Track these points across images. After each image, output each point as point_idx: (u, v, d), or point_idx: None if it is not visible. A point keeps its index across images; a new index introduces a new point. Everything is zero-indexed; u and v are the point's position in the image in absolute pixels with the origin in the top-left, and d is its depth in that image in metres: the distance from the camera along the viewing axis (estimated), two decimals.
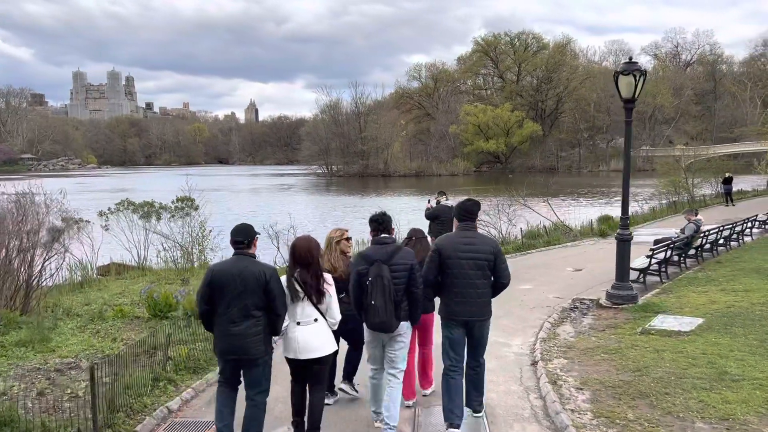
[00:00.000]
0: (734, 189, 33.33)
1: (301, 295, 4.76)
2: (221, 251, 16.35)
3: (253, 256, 4.81)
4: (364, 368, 5.71)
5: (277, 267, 7.39)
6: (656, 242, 14.29)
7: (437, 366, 5.75)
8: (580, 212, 26.79)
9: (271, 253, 14.94)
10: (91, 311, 9.80)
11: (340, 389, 5.98)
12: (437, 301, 5.39)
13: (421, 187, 62.87)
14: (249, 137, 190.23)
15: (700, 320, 8.32)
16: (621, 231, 9.54)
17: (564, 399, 5.80)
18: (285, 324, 4.82)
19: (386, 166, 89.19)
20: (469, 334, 5.20)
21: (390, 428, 5.00)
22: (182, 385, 6.51)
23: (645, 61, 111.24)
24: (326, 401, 5.59)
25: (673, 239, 13.97)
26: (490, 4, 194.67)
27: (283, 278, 4.82)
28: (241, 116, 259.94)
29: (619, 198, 39.12)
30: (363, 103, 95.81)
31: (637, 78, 8.80)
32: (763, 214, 20.17)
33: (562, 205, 32.11)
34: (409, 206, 39.82)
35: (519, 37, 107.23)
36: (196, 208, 15.36)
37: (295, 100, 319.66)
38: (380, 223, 5.17)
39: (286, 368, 5.09)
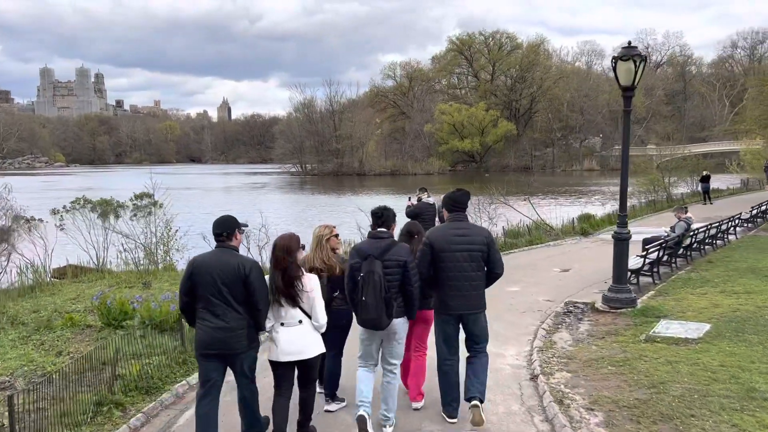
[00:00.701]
0: (712, 187, 33.45)
1: (278, 296, 4.61)
2: (188, 251, 15.41)
3: (235, 249, 4.67)
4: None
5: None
6: (646, 242, 13.73)
7: (430, 378, 5.61)
8: (560, 211, 26.32)
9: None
10: (39, 319, 8.81)
11: (327, 411, 5.56)
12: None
13: (396, 185, 62.19)
14: (221, 136, 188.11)
15: (707, 326, 7.68)
16: (619, 229, 8.86)
17: (575, 423, 5.06)
18: (270, 325, 4.67)
19: (361, 164, 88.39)
20: (466, 329, 5.11)
21: (388, 421, 4.95)
22: (131, 408, 5.63)
23: None
24: (328, 408, 5.54)
25: (664, 238, 13.43)
26: (464, 4, 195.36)
27: (267, 278, 4.68)
28: (213, 114, 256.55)
29: (598, 197, 39.07)
30: (338, 102, 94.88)
31: (637, 64, 8.13)
32: (746, 213, 19.80)
33: (541, 204, 31.64)
34: (387, 204, 39.11)
35: (493, 36, 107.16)
36: (160, 206, 14.32)
37: (269, 99, 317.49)
38: (380, 217, 5.01)
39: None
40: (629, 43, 8.30)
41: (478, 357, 5.15)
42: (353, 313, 5.06)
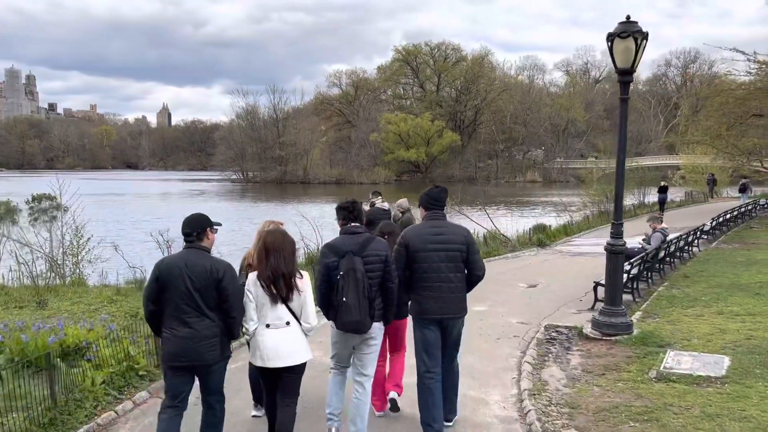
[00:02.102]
0: (654, 200, 33.39)
1: (274, 291, 4.23)
2: (102, 263, 13.37)
3: (207, 249, 4.30)
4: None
5: None
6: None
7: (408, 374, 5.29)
8: (512, 222, 25.35)
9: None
10: None
11: (254, 416, 5.21)
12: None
13: (341, 194, 60.44)
14: (160, 141, 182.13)
15: (725, 359, 6.35)
16: (613, 240, 7.47)
17: None
18: (254, 327, 4.29)
19: (305, 172, 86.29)
20: (444, 334, 4.78)
21: None
22: None
23: (557, 77, 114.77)
24: (255, 412, 5.23)
25: (639, 250, 12.26)
26: (410, 18, 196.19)
27: (253, 275, 4.30)
28: (153, 120, 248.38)
29: (550, 207, 38.39)
30: (281, 109, 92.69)
31: (639, 42, 6.78)
32: (707, 224, 19.08)
33: (493, 215, 30.67)
34: (331, 213, 37.44)
35: (438, 47, 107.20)
36: (65, 210, 12.20)
37: (212, 106, 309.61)
38: (350, 211, 4.69)
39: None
40: (627, 17, 6.94)
41: (450, 370, 4.90)
42: (329, 318, 4.61)
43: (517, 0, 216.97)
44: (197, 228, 4.26)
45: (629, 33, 6.76)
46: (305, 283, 4.36)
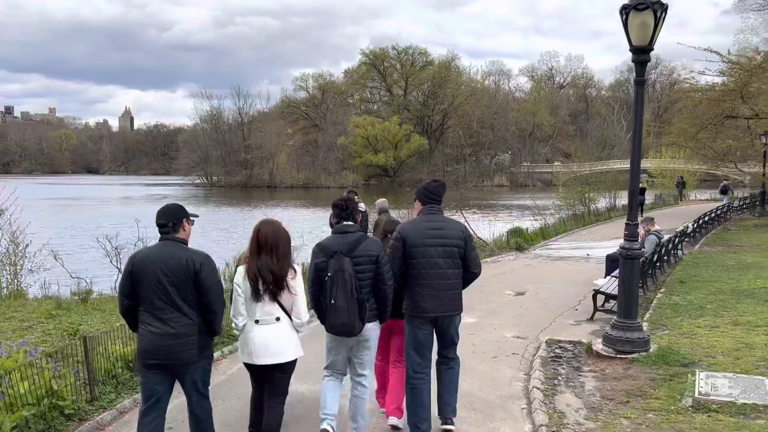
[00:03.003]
0: (625, 203, 33.18)
1: (261, 288, 4.04)
2: (46, 273, 12.03)
3: (183, 242, 4.02)
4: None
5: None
6: (612, 260, 11.70)
7: None
8: (487, 226, 24.60)
9: (108, 274, 10.81)
10: None
11: None
12: None
13: (309, 198, 59.30)
14: (122, 146, 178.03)
15: (766, 381, 5.44)
16: (628, 243, 6.52)
17: None
18: (243, 322, 4.13)
19: (272, 176, 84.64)
20: (439, 332, 4.67)
21: None
22: None
23: (523, 82, 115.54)
24: None
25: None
26: (376, 23, 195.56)
27: (242, 269, 4.13)
28: (115, 124, 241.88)
29: (525, 211, 38.03)
30: (247, 113, 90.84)
31: (658, 15, 5.87)
32: (691, 226, 18.51)
33: (467, 219, 29.89)
34: (300, 217, 36.32)
35: (406, 51, 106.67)
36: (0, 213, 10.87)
37: (176, 110, 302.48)
38: (344, 209, 4.48)
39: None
40: None
41: (449, 366, 4.76)
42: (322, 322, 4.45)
43: (481, 7, 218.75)
44: (173, 219, 4.00)
45: (647, 5, 5.84)
46: (297, 278, 4.17)
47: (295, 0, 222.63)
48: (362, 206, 9.43)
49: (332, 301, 4.21)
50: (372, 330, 4.46)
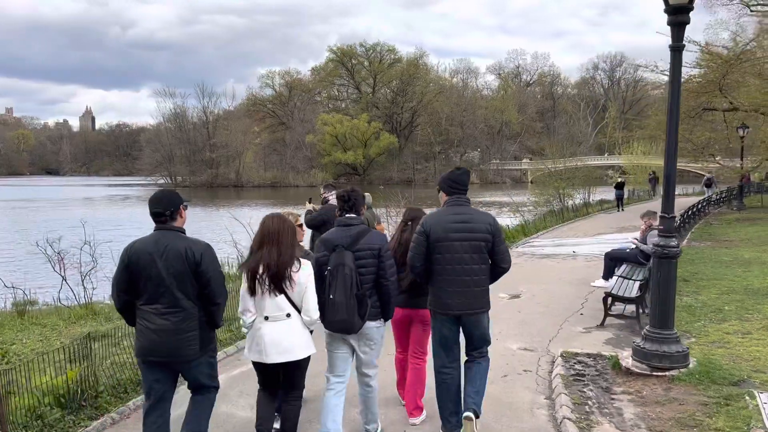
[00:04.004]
0: (599, 198, 33.52)
1: (250, 287, 3.88)
2: None
3: (181, 230, 3.82)
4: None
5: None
6: (611, 258, 10.82)
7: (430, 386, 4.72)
8: None
9: (53, 284, 9.49)
10: None
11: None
12: None
13: (277, 197, 57.79)
14: (83, 146, 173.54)
15: None
16: (664, 240, 5.51)
17: None
18: (251, 318, 3.95)
19: (238, 176, 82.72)
20: (465, 331, 4.39)
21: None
22: None
23: (490, 80, 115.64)
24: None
25: (631, 251, 10.60)
26: (344, 22, 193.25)
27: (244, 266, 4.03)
28: (75, 124, 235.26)
29: (503, 207, 37.40)
30: (211, 112, 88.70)
31: None
32: (678, 221, 17.84)
33: None
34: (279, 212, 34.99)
35: (374, 48, 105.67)
36: None
37: (140, 109, 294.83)
38: (346, 201, 4.31)
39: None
40: None
41: (477, 362, 4.44)
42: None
43: (449, 7, 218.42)
44: (170, 207, 3.78)
45: None
46: (305, 273, 3.97)
47: None
48: None
49: (331, 297, 4.05)
50: (374, 329, 4.27)
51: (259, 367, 4.06)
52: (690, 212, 20.66)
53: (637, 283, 8.74)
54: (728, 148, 28.12)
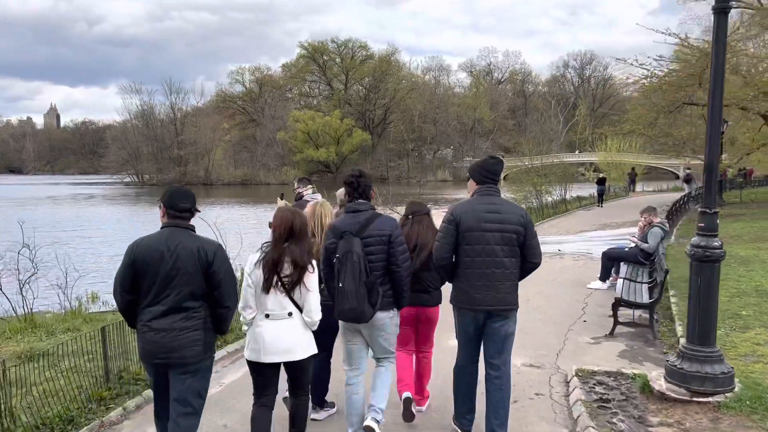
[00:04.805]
0: (575, 195, 33.37)
1: (275, 280, 3.72)
2: None
3: (192, 228, 3.67)
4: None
5: None
6: (609, 258, 10.05)
7: (436, 375, 5.05)
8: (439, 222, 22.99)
9: None
10: None
11: (313, 420, 4.61)
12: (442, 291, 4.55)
13: (247, 195, 56.42)
14: (47, 144, 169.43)
15: None
16: (705, 240, 4.63)
17: None
18: (252, 315, 3.81)
19: (207, 173, 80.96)
20: (490, 329, 4.10)
21: (376, 411, 4.13)
22: None
23: (462, 77, 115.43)
24: (316, 416, 4.68)
25: (630, 249, 9.87)
26: (316, 20, 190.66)
27: (255, 257, 3.82)
28: (39, 122, 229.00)
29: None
30: (180, 108, 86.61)
31: None
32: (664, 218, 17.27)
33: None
34: (238, 215, 33.85)
35: (345, 44, 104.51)
36: None
37: (108, 106, 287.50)
38: (355, 187, 4.18)
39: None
40: None
41: (498, 383, 4.08)
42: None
43: (420, 5, 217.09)
44: (194, 203, 3.66)
45: None
46: (314, 276, 3.83)
47: None
48: (318, 197, 7.35)
49: (340, 285, 3.97)
50: (387, 318, 4.14)
51: (254, 367, 3.87)
52: (674, 208, 20.20)
53: (645, 286, 7.98)
54: (697, 147, 27.84)
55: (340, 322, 4.23)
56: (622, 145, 43.05)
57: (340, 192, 7.92)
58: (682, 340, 6.48)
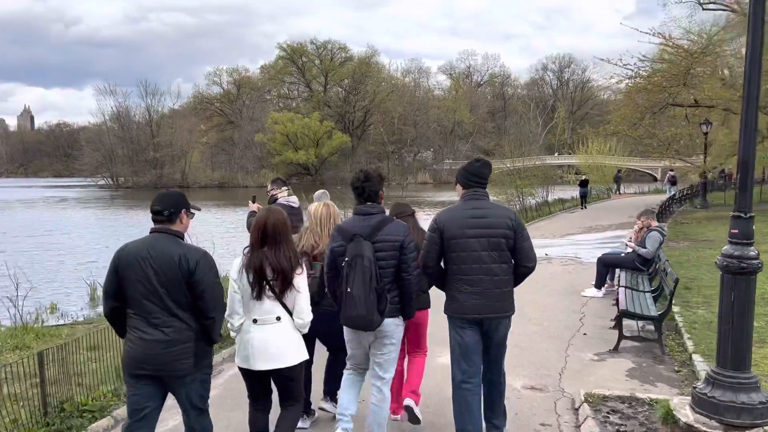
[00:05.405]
0: (557, 198, 33.52)
1: (259, 289, 3.59)
2: None
3: (179, 235, 3.54)
4: None
5: None
6: (605, 264, 9.49)
7: (429, 377, 5.00)
8: (424, 225, 22.38)
9: None
10: None
11: (321, 409, 4.76)
12: (432, 294, 4.54)
13: (225, 198, 55.45)
14: (20, 146, 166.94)
15: None
16: (741, 249, 4.01)
17: None
18: (239, 322, 3.67)
19: (184, 176, 79.63)
20: (485, 337, 4.01)
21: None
22: None
23: (442, 80, 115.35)
24: (301, 424, 4.43)
25: (626, 255, 9.33)
26: (294, 22, 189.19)
27: (239, 262, 3.67)
28: (12, 123, 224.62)
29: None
30: (156, 110, 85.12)
31: None
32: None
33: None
34: (213, 219, 33.05)
35: (324, 46, 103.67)
36: None
37: (83, 108, 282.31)
38: (361, 193, 4.03)
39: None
40: None
41: (495, 388, 4.10)
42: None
43: (400, 9, 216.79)
44: (170, 207, 3.51)
45: None
46: (303, 275, 3.68)
47: None
48: (294, 200, 6.68)
49: (348, 290, 3.83)
50: (393, 326, 4.02)
51: (245, 373, 3.74)
52: (660, 210, 19.86)
53: (649, 296, 7.41)
54: (689, 145, 27.62)
55: (345, 329, 4.10)
56: (602, 147, 42.99)
57: (319, 194, 7.28)
58: (696, 357, 5.92)
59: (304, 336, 3.86)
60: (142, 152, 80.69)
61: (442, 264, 4.08)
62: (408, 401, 4.44)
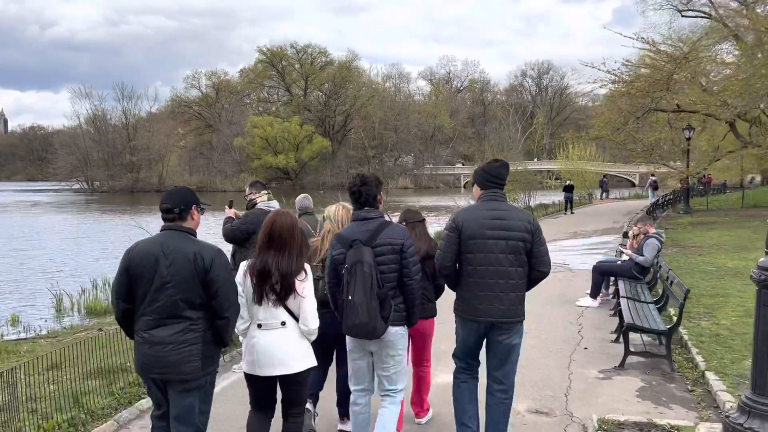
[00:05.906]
0: (539, 203, 33.08)
1: (260, 292, 3.53)
2: None
3: (191, 232, 3.47)
4: None
5: None
6: (601, 272, 9.09)
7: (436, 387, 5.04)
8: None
9: None
10: None
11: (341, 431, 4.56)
12: (441, 301, 4.57)
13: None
14: None
15: None
16: None
17: None
18: (245, 326, 3.63)
19: (161, 180, 78.44)
20: (494, 342, 3.90)
21: None
22: None
23: (422, 85, 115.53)
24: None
25: (623, 263, 8.94)
26: (276, 27, 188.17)
27: (244, 265, 3.63)
28: None
29: (445, 212, 36.03)
30: (133, 113, 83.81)
31: None
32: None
33: None
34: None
35: (305, 50, 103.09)
36: None
37: (59, 111, 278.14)
38: (358, 198, 3.91)
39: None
40: None
41: (502, 395, 3.94)
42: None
43: (382, 14, 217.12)
44: (180, 204, 3.41)
45: None
46: (307, 280, 3.61)
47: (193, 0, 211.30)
48: (274, 204, 6.15)
49: (349, 297, 3.69)
50: (397, 335, 3.86)
51: (250, 379, 3.67)
52: (645, 216, 19.60)
53: (653, 307, 7.02)
54: (671, 150, 27.59)
55: (348, 338, 3.98)
56: (582, 153, 43.06)
57: (301, 199, 6.79)
58: (709, 374, 5.52)
59: (319, 342, 3.79)
60: (118, 156, 79.43)
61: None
62: (418, 420, 4.61)
